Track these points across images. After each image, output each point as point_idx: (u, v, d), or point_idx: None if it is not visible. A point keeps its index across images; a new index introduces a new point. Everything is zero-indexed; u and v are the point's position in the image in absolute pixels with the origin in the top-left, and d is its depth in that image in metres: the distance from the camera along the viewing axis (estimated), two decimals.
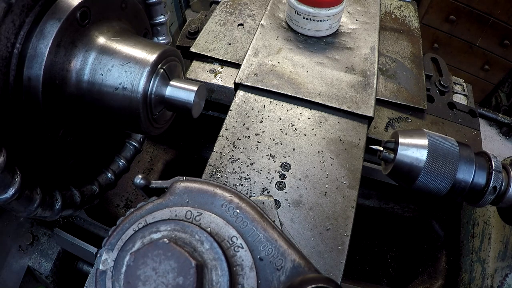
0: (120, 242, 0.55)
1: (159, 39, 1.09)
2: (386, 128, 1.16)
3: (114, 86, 0.76)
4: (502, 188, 0.79)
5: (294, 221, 0.83)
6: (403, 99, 1.20)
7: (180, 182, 0.60)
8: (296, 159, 0.91)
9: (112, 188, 1.02)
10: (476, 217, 1.20)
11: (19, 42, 0.68)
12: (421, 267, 1.31)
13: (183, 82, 0.83)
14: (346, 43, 1.19)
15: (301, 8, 1.14)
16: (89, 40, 0.77)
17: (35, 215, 0.76)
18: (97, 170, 0.99)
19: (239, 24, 1.36)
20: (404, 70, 1.28)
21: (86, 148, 0.92)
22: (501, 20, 3.17)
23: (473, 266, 1.13)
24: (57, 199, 0.81)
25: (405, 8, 1.54)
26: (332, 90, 1.05)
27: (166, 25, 1.08)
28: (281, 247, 0.57)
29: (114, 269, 0.52)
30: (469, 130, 1.23)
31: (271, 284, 0.54)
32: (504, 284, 0.98)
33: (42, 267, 1.21)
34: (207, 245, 0.52)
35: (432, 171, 0.78)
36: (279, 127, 0.97)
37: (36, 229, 1.25)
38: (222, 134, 0.95)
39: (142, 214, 0.57)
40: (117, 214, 1.27)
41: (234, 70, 1.23)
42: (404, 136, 0.82)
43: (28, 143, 0.75)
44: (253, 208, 0.59)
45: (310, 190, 0.87)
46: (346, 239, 0.81)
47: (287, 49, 1.15)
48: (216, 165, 0.89)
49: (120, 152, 1.06)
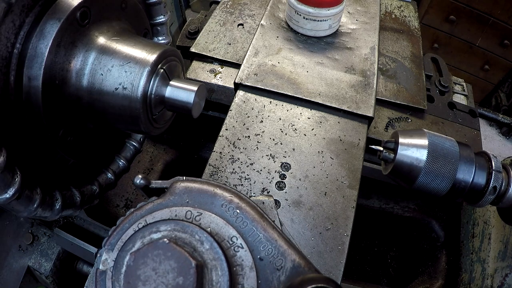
0: (120, 242, 0.55)
1: (159, 39, 1.09)
2: (386, 128, 1.16)
3: (114, 86, 0.76)
4: (502, 188, 0.79)
5: (294, 221, 0.83)
6: (403, 99, 1.20)
7: (180, 182, 0.60)
8: (296, 159, 0.91)
9: (112, 188, 1.02)
10: (476, 217, 1.20)
11: (19, 42, 0.68)
12: (421, 267, 1.31)
13: (183, 82, 0.83)
14: (346, 43, 1.19)
15: (301, 8, 1.14)
16: (89, 40, 0.77)
17: (35, 215, 0.76)
18: (97, 170, 0.99)
19: (239, 24, 1.35)
20: (404, 70, 1.28)
21: (86, 148, 0.92)
22: (501, 20, 3.17)
23: (473, 266, 1.13)
24: (57, 199, 0.81)
25: (405, 8, 1.54)
26: (332, 90, 1.05)
27: (166, 25, 1.08)
28: (281, 247, 0.57)
29: (114, 269, 0.52)
30: (469, 130, 1.23)
31: (271, 284, 0.54)
32: (504, 284, 0.98)
33: (42, 267, 1.21)
34: (207, 245, 0.52)
35: (432, 171, 0.78)
36: (279, 127, 0.97)
37: (36, 229, 1.25)
38: (222, 134, 0.95)
39: (142, 214, 0.57)
40: (117, 214, 1.27)
41: (234, 70, 1.23)
42: (404, 136, 0.82)
43: (28, 143, 0.75)
44: (253, 208, 0.59)
45: (310, 190, 0.87)
46: (346, 239, 0.81)
47: (287, 49, 1.15)
48: (216, 165, 0.89)
49: (120, 152, 1.06)
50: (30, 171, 0.74)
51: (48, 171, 0.83)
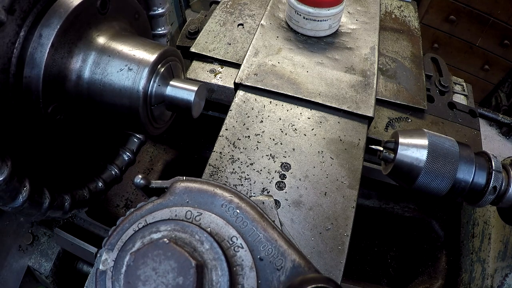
0: (120, 242, 0.55)
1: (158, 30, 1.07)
2: (386, 128, 1.16)
3: (114, 86, 0.76)
4: (502, 188, 0.79)
5: (294, 221, 0.83)
6: (403, 99, 1.20)
7: (180, 182, 0.60)
8: (296, 159, 0.91)
9: (118, 182, 1.03)
10: (476, 217, 1.20)
11: (19, 42, 0.68)
12: (421, 267, 1.31)
13: (183, 82, 0.83)
14: (346, 43, 1.19)
15: (301, 8, 1.14)
16: (89, 40, 0.77)
17: (47, 216, 0.77)
18: (101, 168, 0.99)
19: (239, 24, 1.35)
20: (404, 70, 1.28)
21: (87, 147, 0.92)
22: (501, 20, 3.17)
23: (473, 266, 1.13)
24: (67, 198, 0.82)
25: (405, 8, 1.54)
26: (332, 90, 1.05)
27: (166, 17, 1.06)
28: (281, 247, 0.57)
29: (114, 269, 0.52)
30: (469, 130, 1.23)
31: (271, 284, 0.54)
32: (504, 284, 0.98)
33: (42, 267, 1.21)
34: (207, 245, 0.52)
35: (432, 171, 0.78)
36: (279, 127, 0.97)
37: (36, 229, 1.25)
38: (222, 134, 0.95)
39: (142, 214, 0.57)
40: (117, 214, 1.27)
41: (234, 70, 1.23)
42: (404, 136, 0.82)
43: (28, 143, 0.75)
44: (253, 208, 0.59)
45: (310, 190, 0.87)
46: (346, 239, 0.81)
47: (287, 49, 1.15)
48: (216, 165, 0.89)
49: (125, 144, 1.07)
50: (34, 173, 0.75)
51: (52, 173, 0.83)
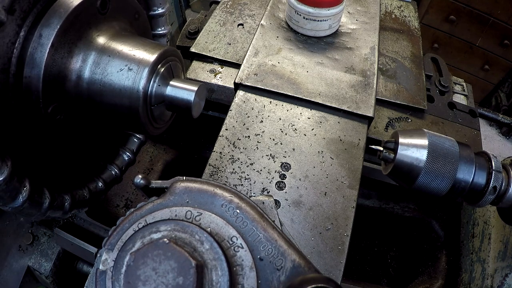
0: (120, 242, 0.55)
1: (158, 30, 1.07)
2: (386, 128, 1.16)
3: (114, 86, 0.76)
4: (502, 188, 0.79)
5: (294, 221, 0.83)
6: (403, 99, 1.20)
7: (180, 182, 0.60)
8: (296, 159, 0.91)
9: (119, 182, 1.03)
10: (476, 217, 1.20)
11: (19, 42, 0.68)
12: (421, 267, 1.31)
13: (183, 82, 0.83)
14: (346, 43, 1.19)
15: (301, 8, 1.14)
16: (89, 40, 0.77)
17: (47, 216, 0.76)
18: (101, 168, 0.99)
19: (239, 24, 1.35)
20: (404, 70, 1.28)
21: (87, 147, 0.92)
22: (501, 20, 3.17)
23: (473, 266, 1.13)
24: (67, 198, 0.82)
25: (405, 8, 1.54)
26: (332, 90, 1.05)
27: (166, 17, 1.06)
28: (281, 247, 0.56)
29: (114, 269, 0.52)
30: (469, 130, 1.23)
31: (271, 284, 0.54)
32: (504, 284, 0.98)
33: (42, 267, 1.21)
34: (207, 245, 0.52)
35: (432, 171, 0.78)
36: (279, 127, 0.97)
37: (36, 229, 1.25)
38: (222, 134, 0.95)
39: (142, 214, 0.57)
40: (117, 214, 1.27)
41: (234, 70, 1.23)
42: (404, 136, 0.82)
43: (28, 143, 0.75)
44: (253, 208, 0.59)
45: (310, 190, 0.87)
46: (346, 239, 0.81)
47: (287, 49, 1.15)
48: (216, 165, 0.89)
49: (125, 144, 1.07)
50: (33, 173, 0.74)
51: (52, 173, 0.83)
